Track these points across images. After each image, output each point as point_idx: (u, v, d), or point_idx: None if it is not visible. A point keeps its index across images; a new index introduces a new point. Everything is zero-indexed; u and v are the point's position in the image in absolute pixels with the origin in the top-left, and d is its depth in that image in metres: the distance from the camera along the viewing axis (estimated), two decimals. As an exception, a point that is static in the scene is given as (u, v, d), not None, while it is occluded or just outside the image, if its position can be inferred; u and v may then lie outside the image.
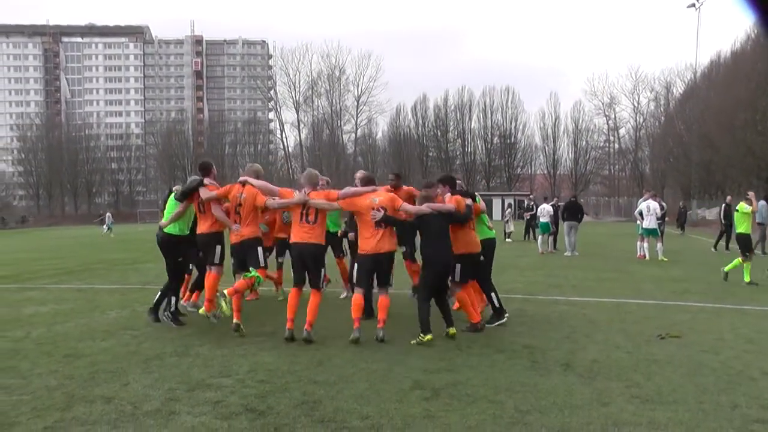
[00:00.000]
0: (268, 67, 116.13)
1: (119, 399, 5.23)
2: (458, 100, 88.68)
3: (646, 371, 5.97)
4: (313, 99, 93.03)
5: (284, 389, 5.45)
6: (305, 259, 7.48)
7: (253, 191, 7.89)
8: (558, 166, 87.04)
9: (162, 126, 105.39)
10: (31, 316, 9.53)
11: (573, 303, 10.20)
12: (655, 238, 18.33)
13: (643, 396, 5.20)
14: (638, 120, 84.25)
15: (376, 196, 7.56)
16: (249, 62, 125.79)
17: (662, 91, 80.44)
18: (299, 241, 7.46)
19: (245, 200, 7.91)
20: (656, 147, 73.59)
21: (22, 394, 5.44)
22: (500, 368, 6.10)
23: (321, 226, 7.53)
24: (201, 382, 5.70)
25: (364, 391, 5.37)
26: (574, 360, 6.38)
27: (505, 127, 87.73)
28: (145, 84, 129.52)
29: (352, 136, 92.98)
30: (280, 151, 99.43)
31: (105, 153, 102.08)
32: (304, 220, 7.45)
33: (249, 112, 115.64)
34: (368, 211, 7.40)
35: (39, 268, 17.86)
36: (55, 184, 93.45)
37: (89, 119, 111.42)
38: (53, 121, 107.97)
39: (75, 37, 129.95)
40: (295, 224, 7.55)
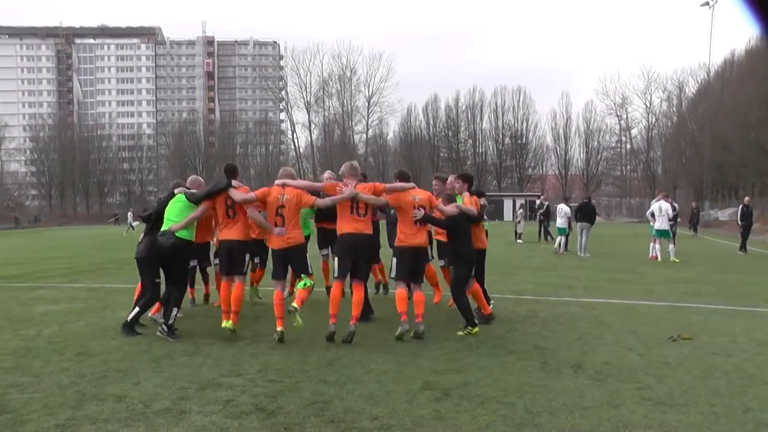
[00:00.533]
0: (280, 68, 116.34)
1: (130, 398, 5.25)
2: (469, 101, 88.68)
3: (657, 373, 5.93)
4: (324, 99, 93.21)
5: (294, 389, 5.45)
6: (359, 250, 7.56)
7: (297, 192, 7.60)
8: (569, 167, 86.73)
9: (173, 126, 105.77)
10: (43, 314, 9.59)
11: (584, 304, 10.16)
12: (667, 240, 18.24)
13: (654, 398, 5.17)
14: (650, 120, 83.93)
15: (417, 194, 7.79)
16: (260, 63, 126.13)
17: (675, 90, 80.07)
18: (353, 231, 7.52)
19: (288, 201, 7.51)
20: (668, 147, 73.28)
21: (33, 391, 5.47)
22: (510, 369, 6.09)
23: (370, 218, 7.79)
24: (211, 381, 5.71)
25: (374, 391, 5.37)
26: (585, 361, 6.35)
27: (517, 127, 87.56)
28: (157, 85, 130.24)
29: (363, 137, 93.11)
30: (291, 151, 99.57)
31: (117, 153, 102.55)
32: (355, 213, 7.58)
33: (260, 113, 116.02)
34: (410, 208, 7.62)
35: (51, 267, 17.97)
36: (67, 184, 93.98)
37: (101, 120, 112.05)
38: (65, 122, 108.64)
39: (87, 39, 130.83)
40: (345, 217, 7.59)
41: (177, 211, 7.80)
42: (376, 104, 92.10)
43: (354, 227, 7.52)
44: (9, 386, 5.65)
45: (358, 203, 7.54)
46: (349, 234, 7.50)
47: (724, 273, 15.20)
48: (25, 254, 24.16)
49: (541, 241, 26.96)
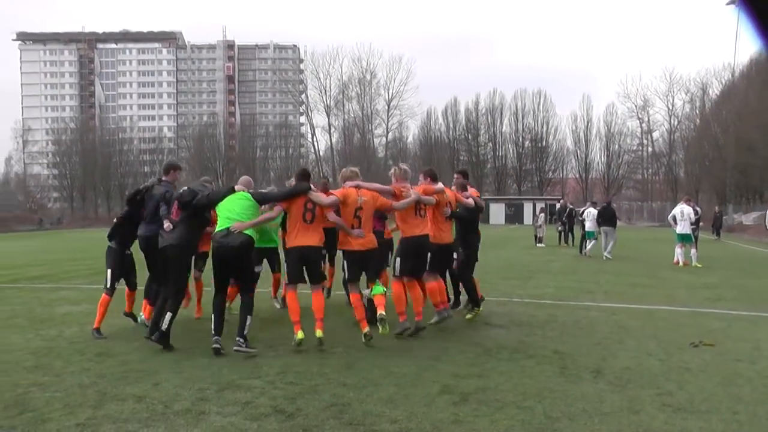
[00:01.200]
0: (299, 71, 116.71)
1: (150, 398, 5.29)
2: (489, 104, 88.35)
3: (678, 379, 5.87)
4: (344, 103, 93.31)
5: (313, 391, 5.47)
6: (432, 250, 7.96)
7: (373, 194, 7.61)
8: (590, 170, 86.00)
9: (194, 130, 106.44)
10: (64, 315, 9.70)
11: (604, 309, 10.08)
12: (689, 244, 18.05)
13: (675, 405, 5.12)
14: (672, 123, 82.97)
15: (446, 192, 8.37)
16: (280, 66, 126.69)
17: (698, 92, 78.98)
18: (420, 234, 7.87)
19: (365, 203, 7.47)
20: (691, 150, 72.36)
21: (55, 391, 5.54)
22: (530, 374, 6.05)
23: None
24: (231, 382, 5.74)
25: (393, 394, 5.37)
26: (605, 367, 6.30)
27: (537, 130, 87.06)
28: (178, 88, 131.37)
29: (383, 140, 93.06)
30: (311, 155, 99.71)
31: (138, 156, 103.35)
32: (418, 214, 7.88)
33: (280, 116, 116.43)
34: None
35: (72, 268, 18.15)
36: (88, 187, 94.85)
37: (123, 123, 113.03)
38: (87, 126, 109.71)
39: (109, 44, 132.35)
40: (409, 219, 7.82)
41: (241, 209, 7.15)
42: (396, 107, 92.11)
43: (421, 229, 7.88)
44: (31, 385, 5.73)
45: (422, 205, 7.90)
46: (418, 236, 7.81)
47: (747, 278, 15.01)
48: (47, 256, 24.43)
49: (561, 245, 26.82)
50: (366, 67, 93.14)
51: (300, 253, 7.26)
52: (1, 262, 21.16)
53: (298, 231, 7.27)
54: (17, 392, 5.52)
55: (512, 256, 21.76)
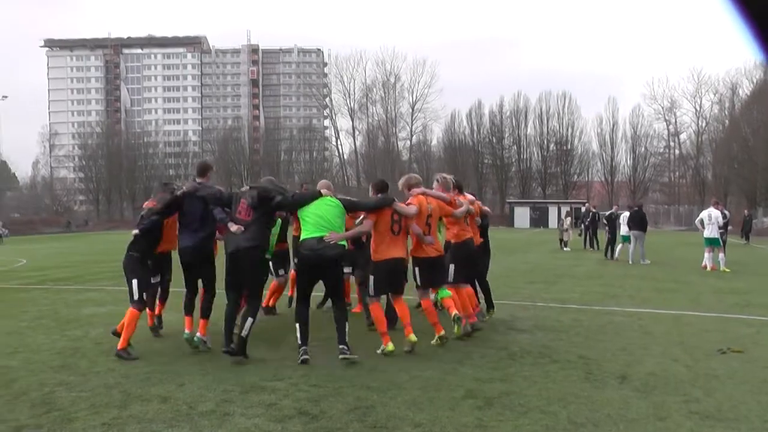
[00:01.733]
0: (323, 75, 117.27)
1: (175, 399, 5.34)
2: (514, 107, 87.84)
3: (705, 386, 5.78)
4: (367, 106, 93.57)
5: (337, 394, 5.47)
6: (475, 255, 8.27)
7: (438, 202, 7.68)
8: (616, 174, 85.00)
9: (219, 133, 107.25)
10: (90, 316, 9.83)
11: (629, 314, 9.97)
12: (717, 248, 17.80)
13: (702, 412, 5.04)
14: (700, 124, 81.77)
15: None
16: (304, 70, 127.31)
17: (727, 92, 77.51)
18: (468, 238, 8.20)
19: (434, 211, 7.53)
20: (719, 152, 71.17)
21: (81, 391, 5.61)
22: (554, 379, 6.01)
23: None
24: (255, 384, 5.77)
25: (417, 398, 5.36)
26: (630, 372, 6.23)
27: (562, 133, 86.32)
28: (203, 92, 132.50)
29: (407, 143, 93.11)
30: (335, 158, 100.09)
31: (163, 160, 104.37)
32: (465, 222, 8.23)
33: (304, 120, 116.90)
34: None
35: (98, 270, 18.38)
36: (114, 190, 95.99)
37: (148, 127, 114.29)
38: (113, 130, 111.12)
39: (135, 49, 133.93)
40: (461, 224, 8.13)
41: (332, 217, 6.84)
42: (420, 110, 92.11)
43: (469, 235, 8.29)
44: (57, 385, 5.81)
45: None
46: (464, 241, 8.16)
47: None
48: (74, 257, 24.77)
49: (587, 249, 26.61)
50: (390, 70, 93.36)
51: (391, 265, 7.19)
52: (29, 263, 21.48)
53: (387, 243, 7.19)
54: (44, 391, 5.61)
55: (537, 260, 21.63)
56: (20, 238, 49.81)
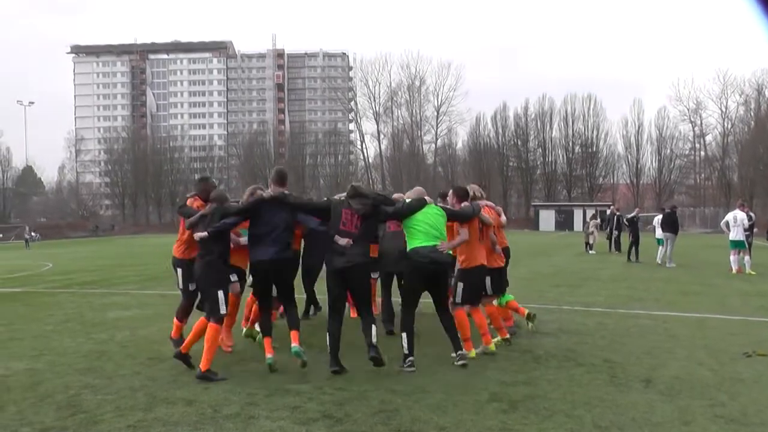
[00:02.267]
0: (349, 79, 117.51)
1: (200, 402, 5.40)
2: (539, 109, 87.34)
3: (731, 390, 5.73)
4: (392, 110, 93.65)
5: (362, 397, 5.50)
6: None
7: (492, 213, 7.82)
8: (641, 176, 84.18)
9: (244, 138, 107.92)
10: (115, 319, 9.97)
11: (654, 317, 9.89)
12: (743, 251, 17.57)
13: (727, 416, 5.00)
14: (726, 126, 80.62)
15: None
16: (329, 74, 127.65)
17: (753, 93, 76.51)
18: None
19: (494, 221, 7.80)
20: (745, 154, 70.31)
21: (106, 393, 5.71)
22: (579, 382, 5.99)
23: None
24: (280, 387, 5.82)
25: (441, 401, 5.37)
26: (655, 376, 6.19)
27: (587, 135, 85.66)
28: (228, 97, 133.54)
29: (432, 147, 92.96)
30: (360, 161, 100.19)
31: (188, 164, 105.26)
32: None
33: (329, 124, 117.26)
34: None
35: (124, 274, 18.61)
36: (140, 194, 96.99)
37: (173, 132, 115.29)
38: (139, 134, 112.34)
39: (161, 54, 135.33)
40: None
41: (441, 225, 6.87)
42: (445, 114, 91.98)
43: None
44: (83, 387, 5.91)
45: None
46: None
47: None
48: (99, 261, 25.09)
49: (612, 252, 26.40)
50: (415, 73, 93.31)
51: (483, 271, 7.33)
52: (55, 267, 21.80)
53: (476, 250, 7.23)
54: (69, 394, 5.71)
55: (562, 263, 21.50)
56: (46, 243, 50.59)
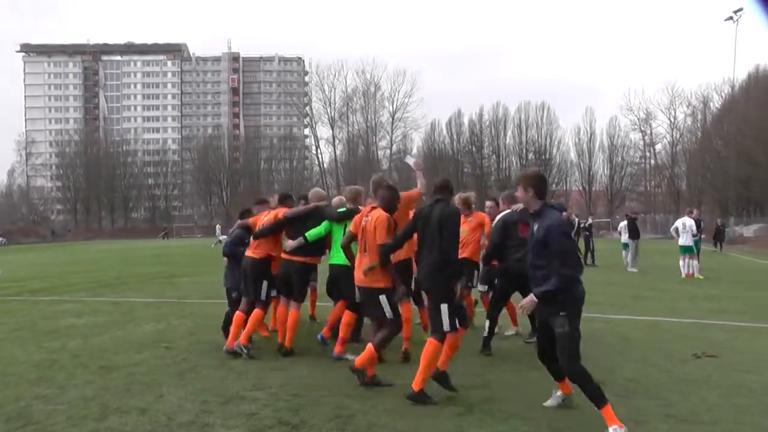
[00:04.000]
0: (304, 84, 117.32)
1: (154, 410, 5.29)
2: (493, 116, 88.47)
3: (682, 390, 5.86)
4: (348, 115, 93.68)
5: (317, 403, 5.46)
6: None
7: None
8: (593, 183, 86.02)
9: (198, 142, 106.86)
10: (67, 327, 9.71)
11: (609, 321, 10.06)
12: (691, 256, 18.04)
13: (679, 415, 5.10)
14: (674, 135, 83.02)
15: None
16: (285, 79, 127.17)
17: (699, 105, 79.09)
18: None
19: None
20: (693, 163, 72.41)
21: (58, 403, 5.54)
22: (535, 385, 6.04)
23: None
24: (235, 394, 5.74)
25: (398, 406, 5.36)
26: (610, 378, 6.28)
27: (540, 143, 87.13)
28: (183, 100, 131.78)
29: (387, 152, 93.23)
30: (315, 167, 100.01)
31: (142, 168, 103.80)
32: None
33: (284, 129, 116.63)
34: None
35: (76, 281, 18.18)
36: (92, 199, 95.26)
37: (127, 135, 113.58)
38: (92, 138, 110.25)
39: (114, 56, 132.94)
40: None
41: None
42: (401, 120, 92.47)
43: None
44: (34, 398, 5.73)
45: None
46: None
47: (750, 290, 14.97)
48: (51, 268, 24.48)
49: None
50: (370, 79, 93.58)
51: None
52: (5, 274, 21.19)
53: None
54: (20, 405, 5.53)
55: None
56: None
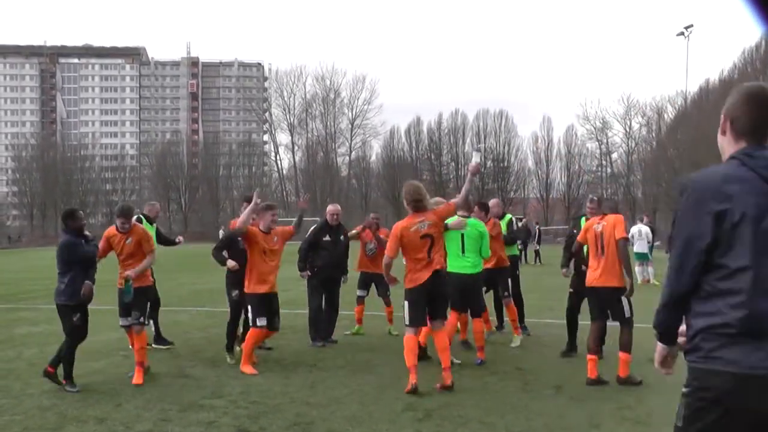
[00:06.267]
0: (264, 90, 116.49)
1: (111, 420, 5.23)
2: (452, 124, 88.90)
3: (637, 394, 6.01)
4: (307, 121, 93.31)
5: (277, 410, 5.46)
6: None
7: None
8: (551, 190, 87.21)
9: (157, 147, 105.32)
10: (23, 336, 9.53)
11: (565, 326, 10.18)
12: (647, 262, 18.43)
13: (634, 418, 5.23)
14: (630, 145, 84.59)
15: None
16: (244, 84, 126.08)
17: (653, 116, 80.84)
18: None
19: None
20: (648, 171, 73.98)
21: (13, 414, 5.44)
22: (492, 390, 6.13)
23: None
24: (193, 403, 5.70)
25: (357, 412, 5.39)
26: (566, 382, 6.41)
27: (499, 150, 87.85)
28: (141, 105, 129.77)
29: (346, 159, 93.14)
30: (274, 173, 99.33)
31: (99, 173, 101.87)
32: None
33: (244, 134, 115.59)
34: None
35: (32, 288, 17.78)
36: (49, 204, 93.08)
37: (84, 140, 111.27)
38: (48, 142, 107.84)
39: (72, 58, 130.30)
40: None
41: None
42: (360, 126, 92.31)
43: None
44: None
45: None
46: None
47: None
48: (5, 275, 23.89)
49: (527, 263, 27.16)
50: (330, 86, 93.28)
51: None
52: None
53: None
54: (-27, 414, 5.41)
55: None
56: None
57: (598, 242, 6.73)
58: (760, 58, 47.08)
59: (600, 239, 6.71)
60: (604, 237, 6.69)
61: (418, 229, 6.25)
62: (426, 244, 6.20)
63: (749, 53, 49.33)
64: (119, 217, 6.87)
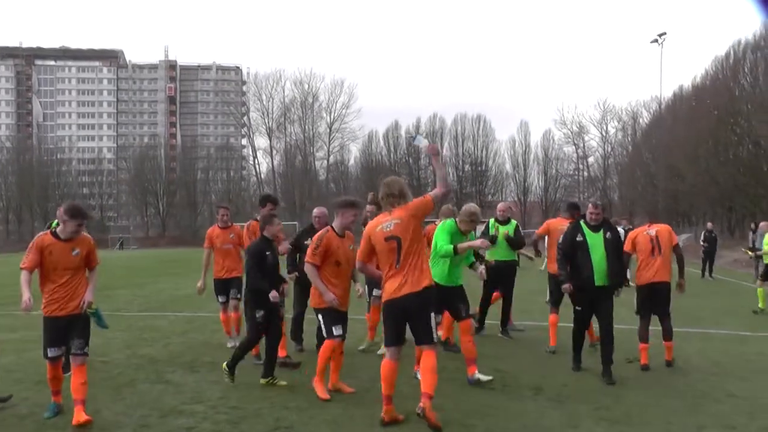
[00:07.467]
0: (242, 93, 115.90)
1: (90, 427, 5.19)
2: (430, 128, 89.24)
3: (614, 394, 6.08)
4: (285, 125, 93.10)
5: (257, 415, 5.45)
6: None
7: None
8: (528, 194, 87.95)
9: (134, 151, 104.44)
10: (0, 342, 9.41)
11: (543, 328, 10.25)
12: (624, 264, 18.61)
13: (612, 418, 5.30)
14: (606, 149, 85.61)
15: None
16: (222, 88, 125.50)
17: (629, 121, 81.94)
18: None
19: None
20: (624, 175, 74.86)
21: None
22: (471, 392, 6.17)
23: None
24: (173, 408, 5.68)
25: (337, 416, 5.40)
26: (544, 384, 6.47)
27: (477, 154, 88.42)
28: (118, 108, 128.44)
29: (325, 163, 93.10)
30: (252, 177, 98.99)
31: (76, 177, 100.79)
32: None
33: (222, 138, 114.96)
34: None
35: (8, 293, 17.53)
36: (25, 208, 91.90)
37: (61, 143, 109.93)
38: (24, 145, 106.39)
39: (48, 60, 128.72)
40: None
41: None
42: (338, 131, 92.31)
43: None
44: (-36, 416, 5.55)
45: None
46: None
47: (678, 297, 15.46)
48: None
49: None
50: (308, 90, 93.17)
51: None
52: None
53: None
54: (-51, 422, 5.35)
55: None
56: None
57: (654, 245, 7.80)
58: (730, 66, 48.22)
59: (656, 242, 7.79)
60: (661, 240, 7.80)
61: (383, 230, 5.41)
62: (392, 247, 5.32)
63: (720, 61, 50.47)
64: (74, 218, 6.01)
